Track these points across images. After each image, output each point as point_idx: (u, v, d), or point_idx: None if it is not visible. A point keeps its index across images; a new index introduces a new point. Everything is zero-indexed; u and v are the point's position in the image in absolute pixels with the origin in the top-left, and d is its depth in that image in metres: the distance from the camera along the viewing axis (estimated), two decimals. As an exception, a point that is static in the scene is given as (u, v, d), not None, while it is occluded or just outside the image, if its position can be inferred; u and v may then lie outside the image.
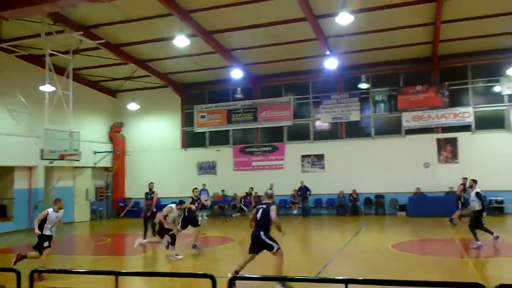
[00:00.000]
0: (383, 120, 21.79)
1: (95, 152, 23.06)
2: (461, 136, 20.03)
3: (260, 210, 8.05)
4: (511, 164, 18.82)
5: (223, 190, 22.48)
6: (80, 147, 18.05)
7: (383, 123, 21.73)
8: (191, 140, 24.36)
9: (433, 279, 5.57)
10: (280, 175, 22.03)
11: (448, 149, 20.15)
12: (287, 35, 18.12)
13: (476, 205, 11.61)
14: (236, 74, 20.71)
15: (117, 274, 4.92)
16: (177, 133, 24.58)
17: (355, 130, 21.88)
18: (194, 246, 11.86)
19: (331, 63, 19.03)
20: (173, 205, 11.55)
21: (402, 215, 19.76)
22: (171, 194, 18.94)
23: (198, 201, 13.09)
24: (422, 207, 19.18)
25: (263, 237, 7.86)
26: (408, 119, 20.78)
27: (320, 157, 22.03)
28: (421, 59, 20.50)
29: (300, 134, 22.70)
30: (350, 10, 14.55)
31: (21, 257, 9.48)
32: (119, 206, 24.08)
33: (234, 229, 16.54)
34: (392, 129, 21.30)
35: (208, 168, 23.71)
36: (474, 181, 12.03)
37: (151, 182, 14.52)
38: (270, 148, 22.86)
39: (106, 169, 24.40)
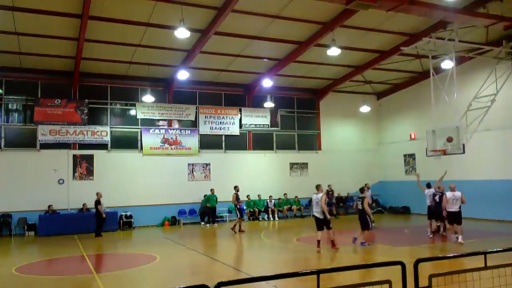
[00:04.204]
0: (17, 131, 19.80)
1: None
2: (97, 153, 20.53)
3: None
4: (141, 181, 20.74)
5: None
6: None
7: (17, 134, 19.77)
8: None
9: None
10: None
11: (83, 166, 20.23)
12: None
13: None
14: None
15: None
16: None
17: (-20, 140, 18.95)
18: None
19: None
20: None
21: (31, 235, 18.30)
22: None
23: None
24: (54, 225, 18.42)
25: None
26: (44, 133, 19.66)
27: None
28: (63, 72, 19.97)
29: None
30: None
31: None
32: None
33: None
34: (27, 142, 19.64)
35: None
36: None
37: None
38: None
39: None
